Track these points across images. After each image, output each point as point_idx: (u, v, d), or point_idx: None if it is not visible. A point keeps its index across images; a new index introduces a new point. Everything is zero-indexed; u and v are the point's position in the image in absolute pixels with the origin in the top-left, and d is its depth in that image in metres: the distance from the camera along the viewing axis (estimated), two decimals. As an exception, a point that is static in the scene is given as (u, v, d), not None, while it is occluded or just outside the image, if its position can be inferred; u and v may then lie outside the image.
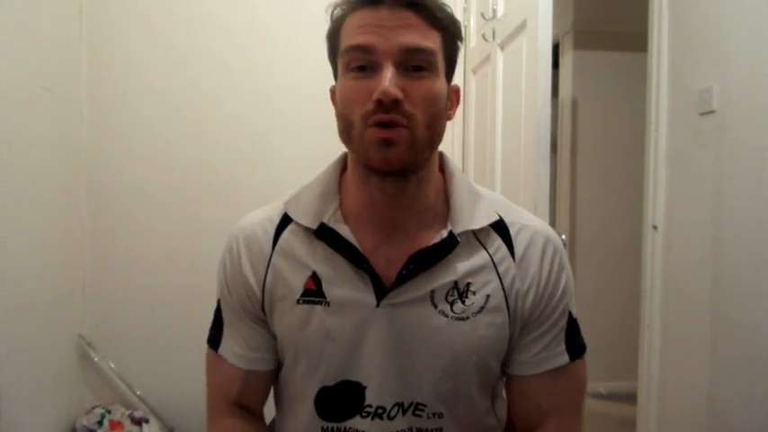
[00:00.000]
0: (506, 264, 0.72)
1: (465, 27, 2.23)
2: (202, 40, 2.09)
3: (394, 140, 0.64)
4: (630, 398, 2.11)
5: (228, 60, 2.10)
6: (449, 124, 0.72)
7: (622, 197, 2.78)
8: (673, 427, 1.71)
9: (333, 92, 0.73)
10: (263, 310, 0.75)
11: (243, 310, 0.76)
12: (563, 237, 0.79)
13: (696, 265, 1.57)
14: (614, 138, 2.89)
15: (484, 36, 1.95)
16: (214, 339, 0.79)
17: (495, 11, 1.86)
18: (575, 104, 2.97)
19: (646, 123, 1.81)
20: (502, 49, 1.83)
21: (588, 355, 0.77)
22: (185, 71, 2.08)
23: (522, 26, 1.61)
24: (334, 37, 0.70)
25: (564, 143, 3.04)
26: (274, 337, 0.77)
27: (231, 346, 0.77)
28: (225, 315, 0.79)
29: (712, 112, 1.50)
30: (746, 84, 1.40)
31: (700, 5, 1.58)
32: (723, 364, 1.47)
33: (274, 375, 0.80)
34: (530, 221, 0.76)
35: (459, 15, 2.20)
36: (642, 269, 1.83)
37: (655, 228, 1.75)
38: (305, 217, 0.73)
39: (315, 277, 0.72)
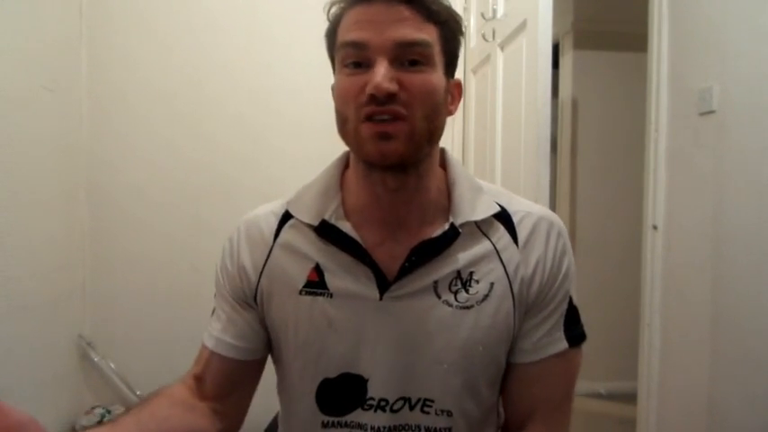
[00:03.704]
0: (510, 251, 0.72)
1: (465, 27, 2.23)
2: (203, 40, 2.09)
3: (391, 134, 0.64)
4: (630, 398, 2.11)
5: (228, 60, 2.10)
6: (448, 123, 0.72)
7: (622, 197, 2.79)
8: (673, 427, 1.71)
9: (333, 89, 0.74)
10: (255, 299, 0.76)
11: (232, 294, 0.77)
12: (563, 236, 0.78)
13: (696, 265, 1.57)
14: (614, 138, 2.89)
15: (484, 36, 1.95)
16: (209, 327, 0.81)
17: (495, 11, 1.86)
18: (575, 104, 2.97)
19: (646, 123, 1.81)
20: (502, 49, 1.83)
21: (588, 355, 0.76)
22: (185, 71, 2.08)
23: (522, 26, 1.61)
24: (331, 34, 0.70)
25: (564, 143, 3.04)
26: (263, 330, 0.77)
27: (210, 329, 0.78)
28: (215, 302, 0.80)
29: (712, 112, 1.50)
30: (746, 84, 1.40)
31: (700, 6, 1.58)
32: (723, 364, 1.47)
33: (235, 369, 0.77)
34: (532, 209, 0.76)
35: (459, 15, 2.20)
36: (642, 269, 1.83)
37: (655, 228, 1.75)
38: (307, 214, 0.73)
39: (318, 269, 0.72)
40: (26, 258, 1.65)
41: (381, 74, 0.63)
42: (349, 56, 0.66)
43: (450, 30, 0.69)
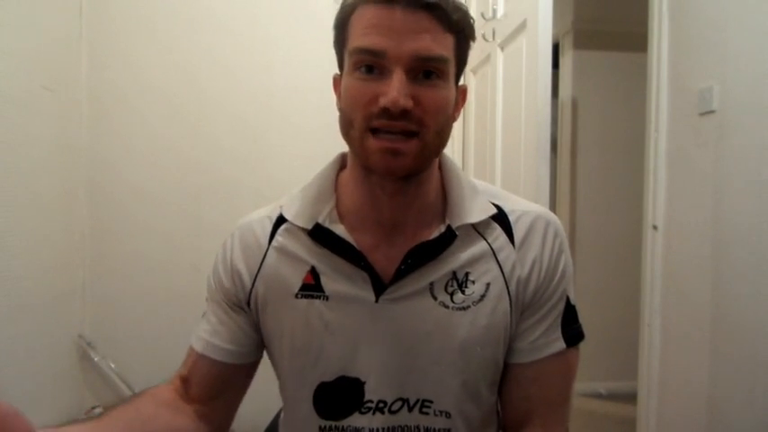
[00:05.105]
0: (506, 251, 0.72)
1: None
2: (202, 40, 2.09)
3: (401, 151, 0.63)
4: (630, 398, 2.11)
5: (228, 60, 2.10)
6: (448, 123, 0.72)
7: (622, 197, 2.78)
8: (673, 427, 1.71)
9: (336, 80, 0.72)
10: (248, 303, 0.75)
11: (225, 298, 0.76)
12: (563, 236, 0.78)
13: (696, 265, 1.57)
14: (614, 138, 2.89)
15: (484, 36, 1.95)
16: (196, 329, 0.80)
17: (495, 11, 1.86)
18: (575, 104, 2.97)
19: (646, 123, 1.81)
20: (502, 49, 1.83)
21: (588, 356, 0.76)
22: (185, 71, 2.08)
23: (522, 26, 1.61)
24: (342, 27, 0.68)
25: (564, 143, 3.04)
26: (255, 333, 0.76)
27: (199, 332, 0.78)
28: (206, 306, 0.79)
29: (712, 112, 1.50)
30: (746, 84, 1.40)
31: (700, 5, 1.58)
32: (723, 364, 1.47)
33: (224, 372, 0.76)
34: (529, 208, 0.75)
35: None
36: (642, 269, 1.83)
37: (655, 228, 1.75)
38: (301, 218, 0.73)
39: (314, 272, 0.72)
40: (26, 258, 1.65)
41: (397, 88, 0.61)
42: (363, 60, 0.64)
43: (466, 38, 0.68)
